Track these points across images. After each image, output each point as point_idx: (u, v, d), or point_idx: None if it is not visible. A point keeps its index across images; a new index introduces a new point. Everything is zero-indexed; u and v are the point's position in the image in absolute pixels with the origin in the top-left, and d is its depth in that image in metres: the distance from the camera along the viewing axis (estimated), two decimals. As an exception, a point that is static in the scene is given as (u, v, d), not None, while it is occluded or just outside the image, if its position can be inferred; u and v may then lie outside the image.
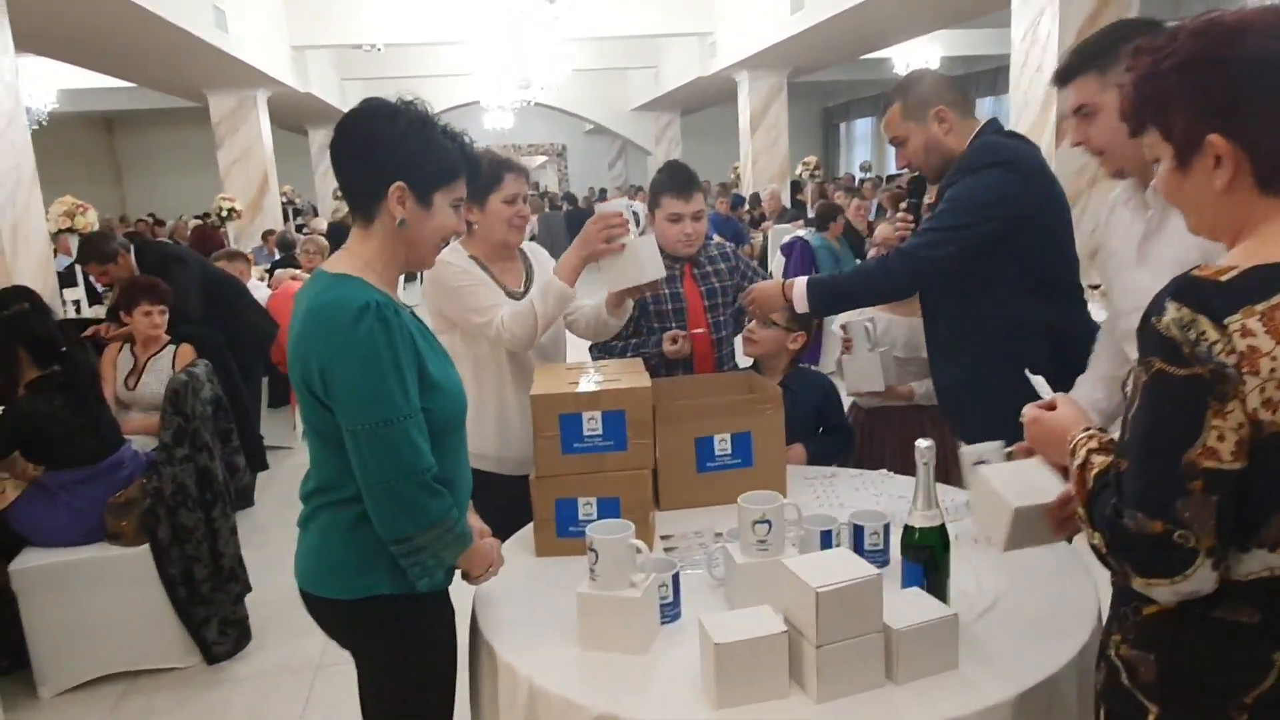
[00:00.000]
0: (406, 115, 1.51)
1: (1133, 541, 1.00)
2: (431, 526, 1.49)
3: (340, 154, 1.53)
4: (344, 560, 1.55)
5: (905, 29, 9.41)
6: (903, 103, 2.20)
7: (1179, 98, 1.03)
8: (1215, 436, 0.95)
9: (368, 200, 1.53)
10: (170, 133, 18.49)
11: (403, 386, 1.45)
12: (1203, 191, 1.05)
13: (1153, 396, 1.00)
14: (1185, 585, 0.99)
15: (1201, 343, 0.96)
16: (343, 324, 1.43)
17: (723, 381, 2.29)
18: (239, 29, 8.21)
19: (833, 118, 21.65)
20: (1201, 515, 0.96)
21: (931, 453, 1.46)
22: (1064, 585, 1.60)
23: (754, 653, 1.29)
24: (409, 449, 1.45)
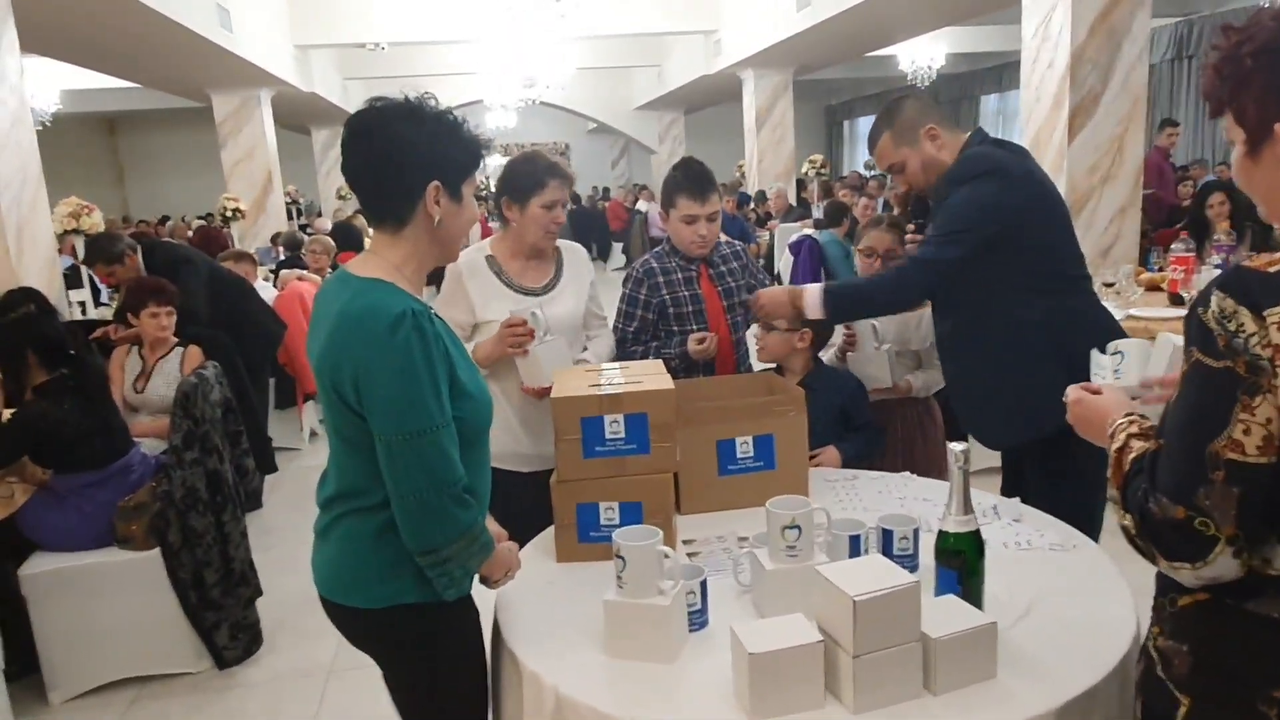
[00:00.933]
0: (430, 114, 1.50)
1: (1158, 526, 1.02)
2: (460, 538, 1.47)
3: (364, 158, 1.50)
4: (368, 569, 1.53)
5: (911, 26, 9.36)
6: (891, 131, 2.27)
7: (1253, 84, 1.03)
8: (1241, 430, 0.97)
9: (400, 203, 1.50)
10: (172, 133, 18.47)
11: (437, 396, 1.43)
12: (1273, 179, 1.05)
13: (1189, 385, 1.02)
14: (1206, 570, 1.00)
15: (1240, 334, 0.97)
16: (379, 332, 1.40)
17: (743, 383, 2.26)
18: (243, 28, 8.18)
19: (836, 116, 21.60)
20: (1223, 505, 0.97)
21: (966, 455, 1.42)
22: (1099, 592, 1.57)
23: (789, 663, 1.25)
24: (441, 460, 1.43)
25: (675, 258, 2.62)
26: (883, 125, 2.30)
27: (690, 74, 12.75)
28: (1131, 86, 5.10)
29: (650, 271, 2.61)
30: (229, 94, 9.96)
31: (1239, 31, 1.05)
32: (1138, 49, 5.10)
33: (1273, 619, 1.03)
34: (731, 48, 10.75)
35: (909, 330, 2.70)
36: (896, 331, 2.70)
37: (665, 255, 2.64)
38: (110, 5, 5.91)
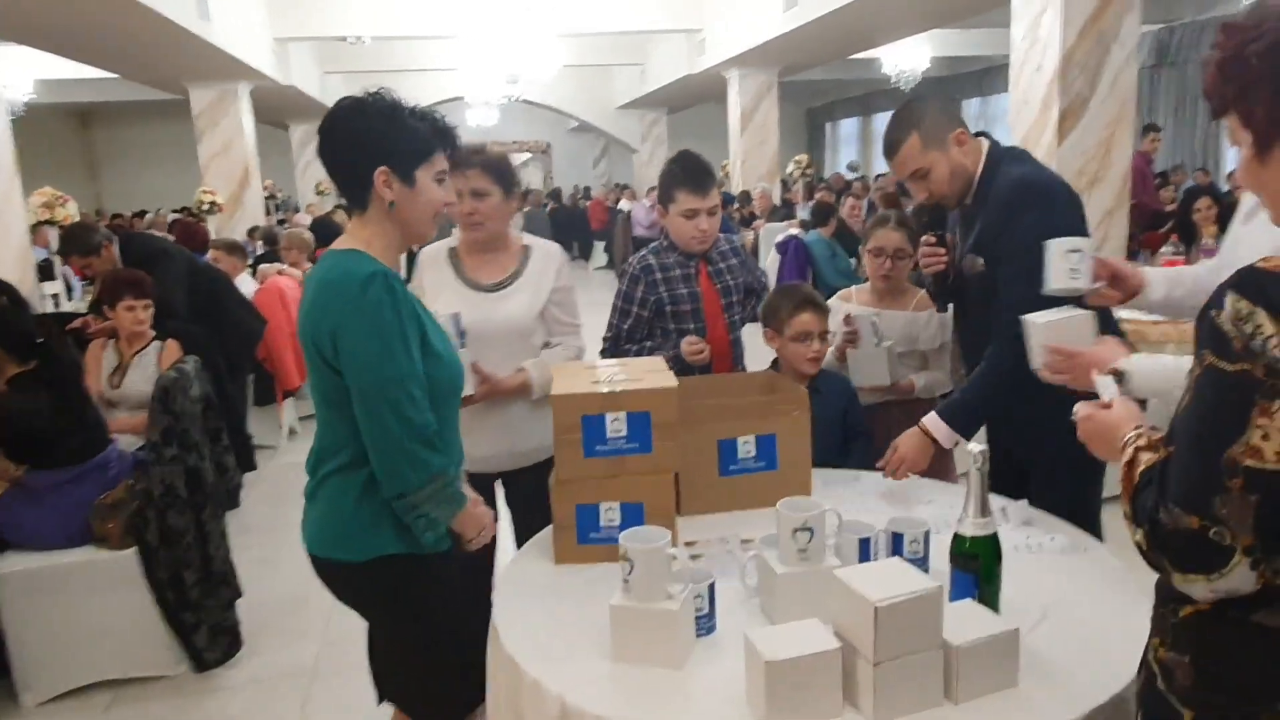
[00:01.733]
0: (374, 105, 1.65)
1: (1170, 537, 0.98)
2: (430, 481, 1.61)
3: (326, 152, 1.69)
4: (353, 523, 1.66)
5: (897, 28, 9.37)
6: (920, 134, 2.09)
7: (1262, 84, 0.99)
8: (1260, 435, 0.92)
9: (357, 189, 1.67)
10: (147, 126, 18.19)
11: (406, 348, 1.59)
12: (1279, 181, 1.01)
13: (1202, 390, 0.98)
14: (1222, 583, 0.96)
15: (1257, 336, 0.93)
16: (352, 291, 1.57)
17: (745, 382, 2.22)
18: (221, 19, 8.05)
19: (818, 118, 21.65)
20: (1240, 513, 0.93)
21: (984, 458, 1.39)
22: (1114, 597, 1.54)
23: (806, 670, 1.21)
24: (411, 406, 1.58)
25: (674, 254, 2.55)
26: (908, 126, 2.11)
27: (674, 73, 12.72)
28: (1120, 90, 5.12)
29: (648, 269, 2.55)
30: (206, 86, 9.81)
31: (1243, 30, 1.01)
32: (1126, 53, 5.13)
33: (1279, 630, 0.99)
34: (716, 47, 10.73)
35: (917, 328, 2.66)
36: (903, 330, 2.66)
37: (663, 251, 2.57)
38: (87, -8, 5.79)
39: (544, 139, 21.78)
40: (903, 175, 2.17)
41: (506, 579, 1.76)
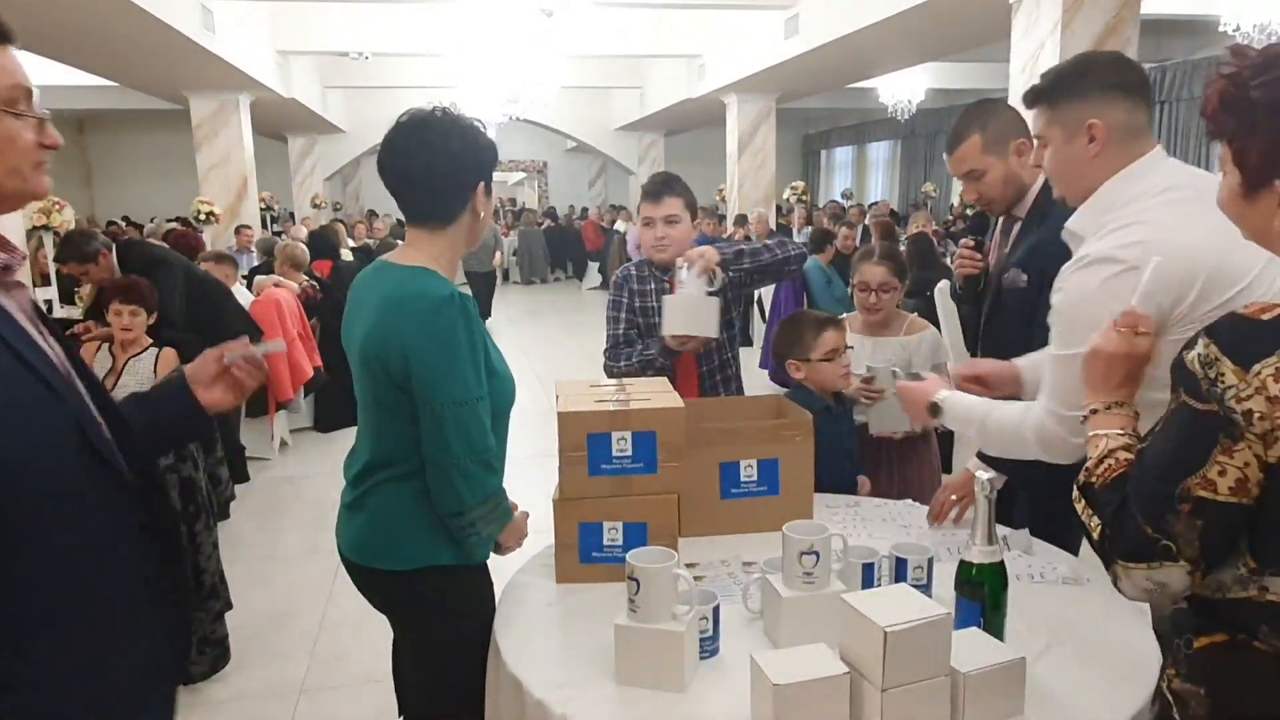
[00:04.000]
0: (468, 125, 1.71)
1: (1127, 532, 1.08)
2: (486, 501, 1.64)
3: (421, 166, 1.66)
4: (406, 532, 1.67)
5: (895, 59, 9.47)
6: (983, 135, 2.11)
7: (1259, 134, 1.03)
8: (1216, 471, 1.01)
9: (452, 203, 1.70)
10: (144, 135, 18.16)
11: (477, 371, 1.61)
12: (1264, 222, 1.06)
13: (1174, 423, 1.06)
14: (1157, 574, 1.06)
15: (1218, 384, 1.00)
16: (427, 312, 1.59)
17: (752, 405, 2.22)
18: (226, 30, 8.07)
19: (813, 145, 21.82)
20: (1188, 533, 1.03)
21: (993, 485, 1.39)
22: (1118, 627, 1.54)
23: (814, 695, 1.20)
24: (478, 428, 1.61)
25: (650, 266, 2.63)
26: (974, 126, 2.12)
27: (673, 97, 12.80)
28: (1115, 126, 5.16)
29: (627, 278, 2.66)
30: (208, 96, 9.82)
31: (1253, 65, 1.03)
32: (1122, 89, 5.17)
33: (1266, 653, 1.02)
34: (716, 72, 10.81)
35: (909, 352, 2.68)
36: (896, 353, 2.67)
37: (643, 264, 2.67)
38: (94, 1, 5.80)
39: (541, 158, 21.86)
40: (958, 172, 2.20)
41: (508, 598, 1.75)
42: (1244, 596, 1.05)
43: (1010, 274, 2.16)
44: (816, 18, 7.95)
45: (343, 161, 17.41)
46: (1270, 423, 0.98)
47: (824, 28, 7.81)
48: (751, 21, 9.25)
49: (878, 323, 2.76)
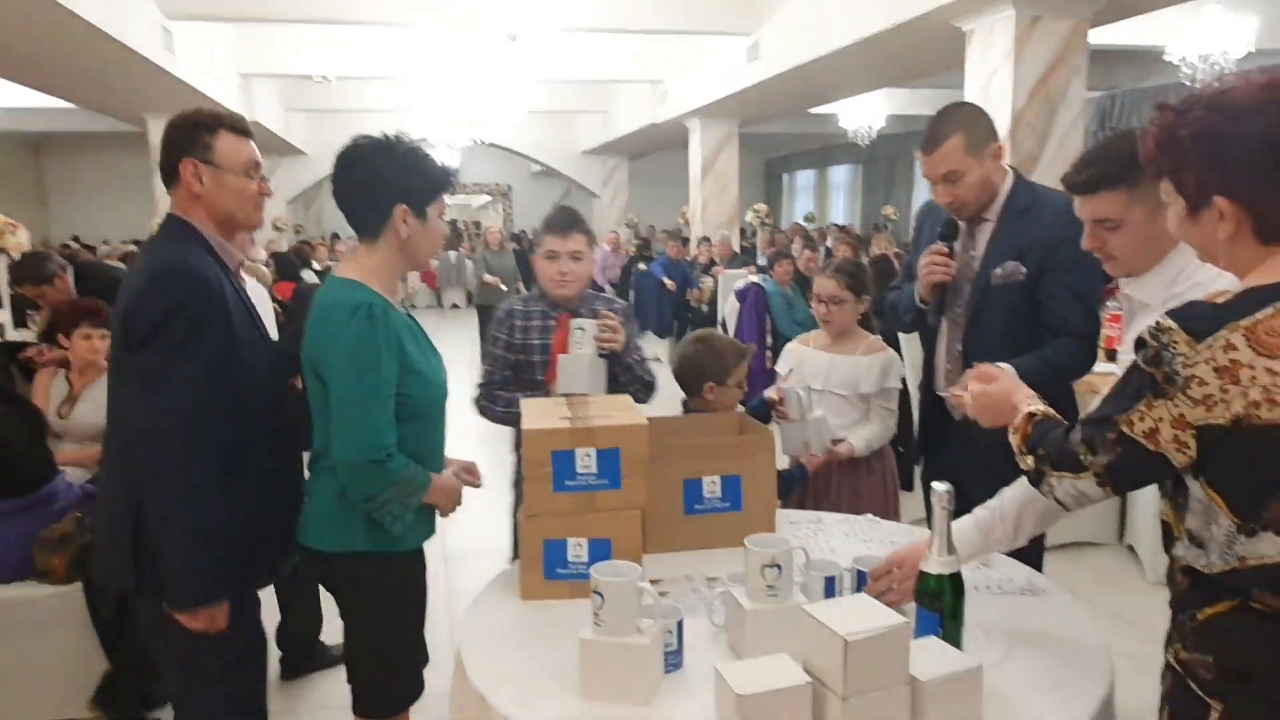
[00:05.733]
0: (399, 147, 1.83)
1: (1065, 449, 1.27)
2: (393, 485, 1.77)
3: (344, 185, 1.85)
4: (332, 517, 1.84)
5: (854, 85, 9.67)
6: (967, 137, 2.15)
7: (1193, 161, 1.19)
8: (1137, 416, 1.19)
9: (372, 221, 1.84)
10: (100, 157, 17.91)
11: (375, 373, 1.74)
12: (1209, 237, 1.22)
13: (1124, 375, 1.23)
14: (1080, 484, 1.26)
15: (1169, 349, 1.15)
16: (339, 319, 1.75)
17: (714, 422, 2.24)
18: (186, 52, 8.02)
19: (776, 169, 22.11)
20: (1105, 454, 1.23)
21: (950, 497, 1.42)
22: (1072, 638, 1.58)
23: (777, 705, 1.22)
24: (373, 427, 1.73)
25: (540, 303, 2.51)
26: (956, 126, 2.15)
27: (637, 121, 12.93)
28: (1067, 150, 5.34)
29: (511, 313, 2.51)
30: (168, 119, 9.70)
31: (1175, 113, 1.21)
32: (1073, 115, 5.37)
33: (1261, 612, 1.13)
34: (679, 97, 10.94)
35: (859, 373, 2.71)
36: (846, 376, 2.71)
37: (532, 300, 2.54)
38: (51, 20, 5.74)
39: (505, 182, 21.89)
40: (936, 173, 2.19)
41: (472, 614, 1.75)
42: (1230, 568, 1.16)
43: (1006, 267, 2.20)
44: (777, 44, 8.10)
45: (305, 184, 17.29)
46: (1212, 389, 1.12)
47: (784, 54, 7.96)
48: (713, 47, 9.39)
49: (839, 336, 2.80)
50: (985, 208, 2.24)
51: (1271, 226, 1.16)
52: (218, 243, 1.86)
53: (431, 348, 1.95)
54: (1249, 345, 1.10)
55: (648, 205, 18.44)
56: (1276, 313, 1.11)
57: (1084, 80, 5.45)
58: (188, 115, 1.92)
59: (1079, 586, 3.68)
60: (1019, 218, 2.21)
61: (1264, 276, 1.15)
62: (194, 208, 1.85)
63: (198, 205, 1.85)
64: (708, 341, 2.54)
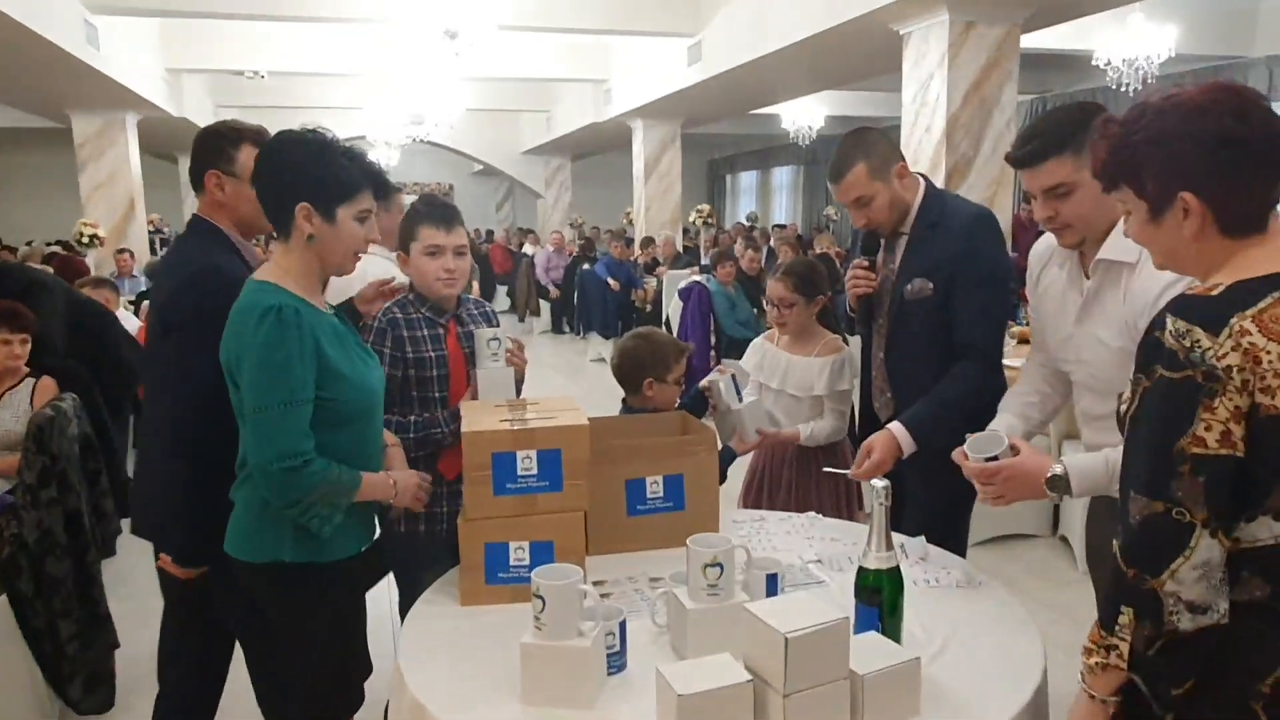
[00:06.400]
0: (307, 142, 1.76)
1: (1140, 529, 1.14)
2: (313, 490, 1.70)
3: (256, 181, 1.81)
4: (256, 527, 1.78)
5: (795, 87, 9.77)
6: (868, 163, 2.21)
7: (1151, 164, 1.23)
8: (1203, 427, 1.11)
9: (281, 219, 1.77)
10: (18, 154, 17.21)
11: (287, 379, 1.68)
12: (1174, 238, 1.24)
13: (1153, 397, 1.16)
14: (1196, 556, 1.11)
15: (1196, 349, 1.12)
16: (250, 323, 1.69)
17: (655, 422, 2.23)
18: (111, 46, 7.75)
19: (719, 169, 22.24)
20: (1192, 492, 1.11)
21: (887, 493, 1.44)
22: (1007, 629, 1.61)
23: (718, 704, 1.22)
24: (284, 433, 1.68)
25: (421, 308, 2.23)
26: (857, 154, 2.21)
27: (580, 121, 12.87)
28: (1001, 152, 5.45)
29: (394, 323, 2.19)
30: (92, 115, 9.40)
31: (1123, 123, 1.25)
32: (1006, 118, 5.50)
33: (1252, 603, 1.14)
34: (622, 97, 10.93)
35: (811, 375, 2.74)
36: (801, 378, 2.73)
37: (409, 305, 2.23)
38: (-35, 12, 5.50)
39: (446, 180, 21.64)
40: (846, 199, 2.27)
41: (411, 623, 1.72)
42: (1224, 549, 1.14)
43: (915, 284, 2.25)
44: (718, 46, 8.15)
45: (239, 183, 16.84)
46: (1248, 373, 1.10)
47: (725, 56, 8.01)
48: (656, 48, 9.40)
49: (795, 336, 2.81)
50: (901, 223, 2.29)
51: (1234, 218, 1.20)
52: (240, 243, 2.11)
53: (361, 350, 1.88)
54: (1260, 332, 1.11)
55: (591, 206, 18.39)
56: (1276, 302, 1.13)
57: (1016, 84, 5.58)
58: (214, 128, 2.16)
59: (1014, 579, 3.77)
60: (929, 233, 2.25)
61: (1245, 270, 1.17)
62: (218, 212, 2.10)
63: (221, 211, 2.09)
64: (648, 338, 2.53)
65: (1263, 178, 1.20)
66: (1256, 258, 1.19)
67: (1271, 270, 1.16)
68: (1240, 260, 1.20)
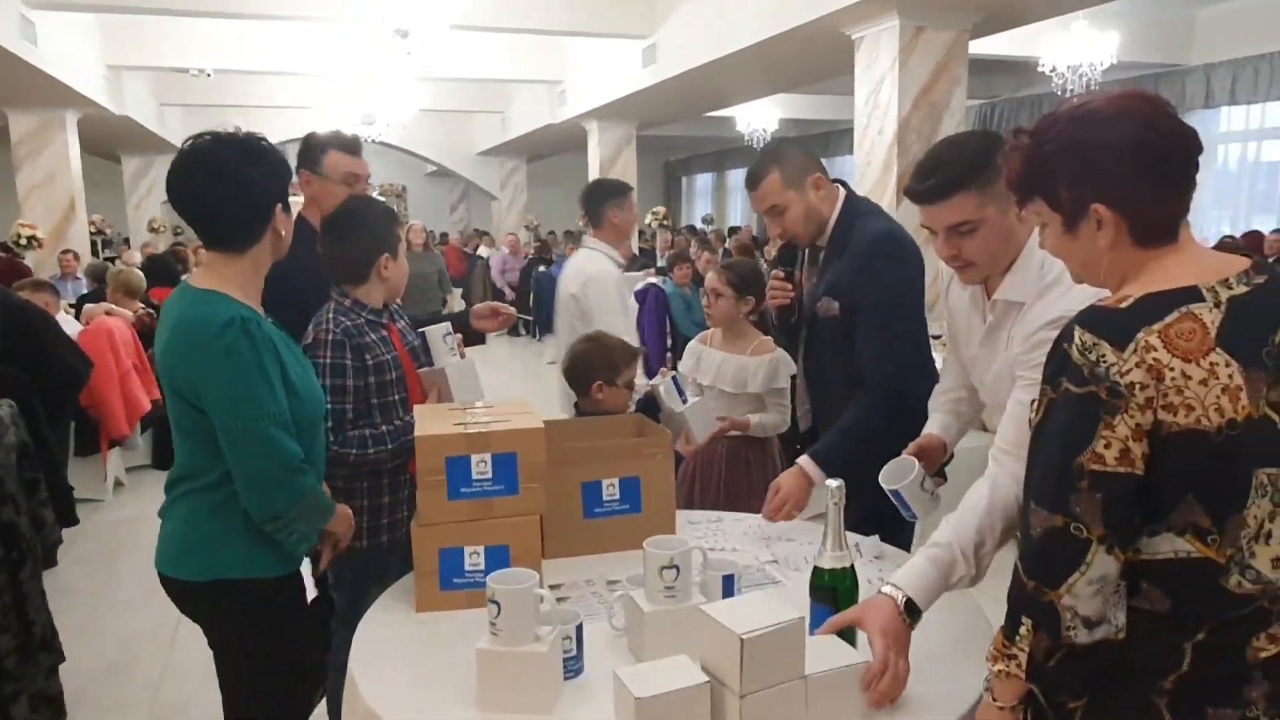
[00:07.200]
0: (259, 146, 1.74)
1: (1040, 541, 1.14)
2: (303, 500, 1.72)
3: (214, 196, 1.71)
4: (200, 543, 1.73)
5: (748, 90, 9.84)
6: (781, 171, 2.24)
7: (1063, 174, 1.21)
8: (1103, 444, 1.11)
9: (250, 231, 1.74)
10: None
11: (269, 388, 1.67)
12: (1089, 249, 1.23)
13: (1058, 410, 1.15)
14: (1093, 572, 1.12)
15: (1101, 364, 1.11)
16: (210, 337, 1.63)
17: (611, 424, 2.23)
18: (49, 42, 7.53)
19: (675, 172, 22.31)
20: (1090, 508, 1.11)
21: (841, 492, 1.45)
22: (958, 622, 1.63)
23: (676, 706, 1.21)
24: (278, 441, 1.67)
25: (362, 313, 2.17)
26: (770, 164, 2.25)
27: (535, 122, 12.82)
28: (950, 156, 5.56)
29: (348, 331, 2.11)
30: (28, 113, 9.12)
31: (1033, 134, 1.23)
32: (955, 122, 5.60)
33: (1154, 613, 1.15)
34: (577, 98, 10.91)
35: (746, 373, 2.79)
36: (734, 376, 2.78)
37: (352, 311, 2.16)
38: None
39: (399, 182, 21.39)
40: (761, 208, 2.31)
41: (364, 630, 1.69)
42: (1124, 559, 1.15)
43: (823, 303, 2.27)
44: (673, 48, 8.17)
45: (185, 183, 16.42)
46: (1151, 390, 1.09)
47: (679, 58, 8.04)
48: (611, 49, 9.40)
49: (729, 333, 2.88)
50: (819, 235, 2.30)
51: (1147, 228, 1.18)
52: None
53: (303, 359, 1.88)
54: (1165, 347, 1.10)
55: (547, 207, 18.32)
56: (1182, 317, 1.12)
57: (965, 88, 5.69)
58: (308, 136, 2.51)
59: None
60: (838, 251, 2.26)
61: (1156, 283, 1.16)
62: (310, 209, 2.40)
63: (313, 206, 2.40)
64: (598, 340, 2.55)
65: (1172, 184, 1.18)
66: (1167, 268, 1.18)
67: (1181, 283, 1.15)
68: (1153, 271, 1.18)
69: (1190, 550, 1.13)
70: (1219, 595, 1.14)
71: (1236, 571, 1.13)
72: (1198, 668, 1.14)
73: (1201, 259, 1.20)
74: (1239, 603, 1.14)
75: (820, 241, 2.32)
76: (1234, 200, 10.43)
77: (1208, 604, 1.14)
